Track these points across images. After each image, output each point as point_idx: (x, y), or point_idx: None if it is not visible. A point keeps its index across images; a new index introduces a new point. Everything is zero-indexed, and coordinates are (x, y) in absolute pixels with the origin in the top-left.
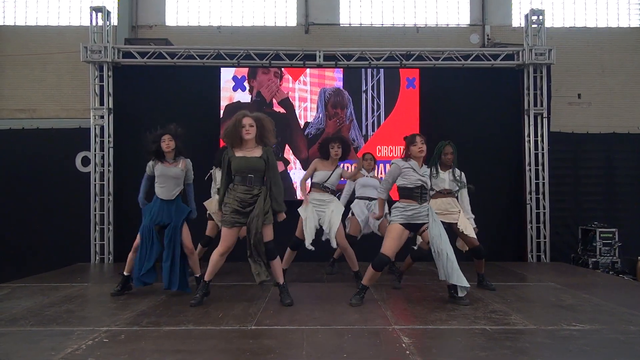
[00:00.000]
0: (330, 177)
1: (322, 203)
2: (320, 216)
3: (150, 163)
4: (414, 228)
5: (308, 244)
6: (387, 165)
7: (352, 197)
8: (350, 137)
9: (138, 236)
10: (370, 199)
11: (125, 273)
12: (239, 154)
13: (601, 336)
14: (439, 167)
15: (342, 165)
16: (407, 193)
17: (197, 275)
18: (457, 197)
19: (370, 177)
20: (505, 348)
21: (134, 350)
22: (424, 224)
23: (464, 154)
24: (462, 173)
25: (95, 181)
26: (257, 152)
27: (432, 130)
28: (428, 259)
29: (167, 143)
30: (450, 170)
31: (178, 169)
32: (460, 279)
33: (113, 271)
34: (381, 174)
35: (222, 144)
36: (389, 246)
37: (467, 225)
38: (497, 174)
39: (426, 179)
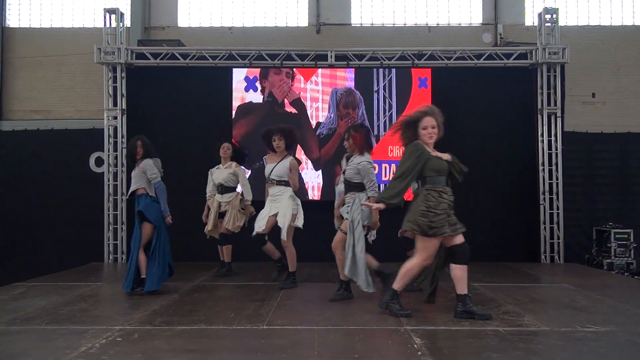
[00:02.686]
0: (274, 169)
1: (274, 198)
2: (275, 209)
3: None
4: None
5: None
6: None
7: None
8: None
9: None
10: None
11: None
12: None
13: (616, 338)
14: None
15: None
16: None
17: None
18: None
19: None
20: (518, 350)
21: (147, 349)
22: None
23: (476, 153)
24: None
25: (108, 181)
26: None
27: (445, 130)
28: None
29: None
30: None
31: (137, 169)
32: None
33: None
34: (392, 174)
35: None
36: None
37: None
38: (510, 174)
39: (347, 170)
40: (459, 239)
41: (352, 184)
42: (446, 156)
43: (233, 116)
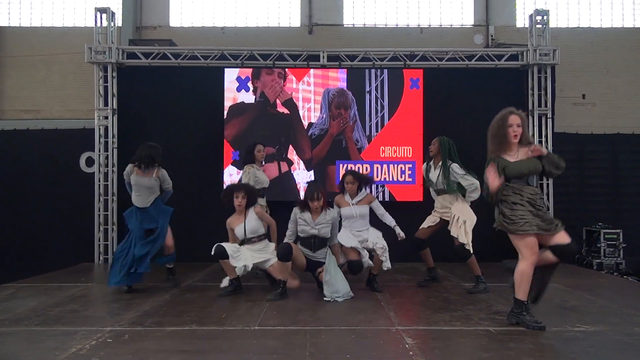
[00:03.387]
0: (246, 229)
1: (260, 250)
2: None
3: (127, 170)
4: (311, 264)
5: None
6: (391, 166)
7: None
8: (354, 138)
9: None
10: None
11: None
12: (511, 159)
13: (606, 338)
14: (431, 167)
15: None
16: (301, 241)
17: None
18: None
19: (355, 204)
20: (509, 349)
21: (137, 350)
22: (322, 264)
23: (468, 154)
24: (454, 169)
25: (99, 181)
26: (522, 154)
27: (436, 131)
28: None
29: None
30: (440, 169)
31: (152, 179)
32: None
33: None
34: (384, 174)
35: (226, 144)
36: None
37: (458, 229)
38: None
39: (322, 227)
40: (560, 239)
41: (326, 238)
42: (527, 153)
43: (225, 116)
